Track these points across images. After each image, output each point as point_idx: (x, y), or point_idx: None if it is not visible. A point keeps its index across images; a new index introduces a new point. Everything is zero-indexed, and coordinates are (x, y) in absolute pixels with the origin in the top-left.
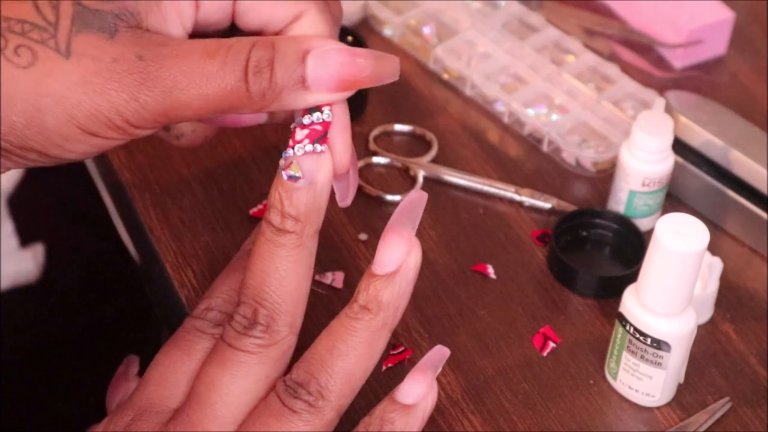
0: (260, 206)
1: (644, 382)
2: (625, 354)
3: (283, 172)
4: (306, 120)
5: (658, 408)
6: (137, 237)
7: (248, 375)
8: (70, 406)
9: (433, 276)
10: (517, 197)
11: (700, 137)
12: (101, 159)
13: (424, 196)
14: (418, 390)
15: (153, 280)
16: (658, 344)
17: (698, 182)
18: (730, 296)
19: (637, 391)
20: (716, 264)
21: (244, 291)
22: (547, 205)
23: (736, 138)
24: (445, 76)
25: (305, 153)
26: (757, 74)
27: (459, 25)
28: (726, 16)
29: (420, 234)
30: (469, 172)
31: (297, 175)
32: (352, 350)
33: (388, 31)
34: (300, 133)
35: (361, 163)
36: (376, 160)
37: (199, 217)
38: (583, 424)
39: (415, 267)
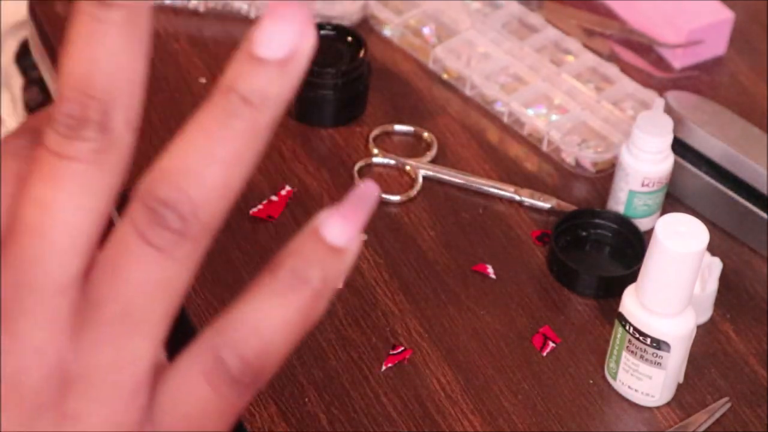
0: (260, 206)
1: (644, 382)
2: (624, 354)
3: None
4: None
5: (657, 408)
6: None
7: (86, 189)
8: None
9: (433, 276)
10: (516, 197)
11: (700, 137)
12: None
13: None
14: (349, 231)
15: None
16: (658, 344)
17: (698, 182)
18: (730, 296)
19: (636, 391)
20: (716, 264)
21: (67, 82)
22: (547, 205)
23: (735, 138)
24: (445, 76)
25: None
26: (756, 74)
27: (459, 25)
28: (726, 16)
29: (420, 234)
30: (468, 172)
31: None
32: (233, 156)
33: (387, 31)
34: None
35: (361, 163)
36: (376, 160)
37: None
38: (583, 424)
39: (309, 55)
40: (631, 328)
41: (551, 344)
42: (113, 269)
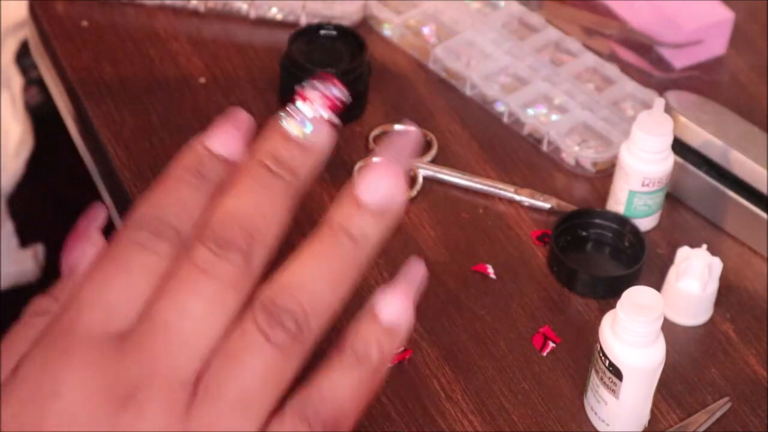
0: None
1: (602, 406)
2: (592, 370)
3: (288, 122)
4: (321, 87)
5: (657, 408)
6: None
7: (220, 305)
8: None
9: (433, 276)
10: (516, 197)
11: (700, 137)
12: (101, 158)
13: (415, 131)
14: (404, 311)
15: None
16: (614, 370)
17: (698, 182)
18: (730, 296)
19: (596, 414)
20: (716, 264)
21: (225, 213)
22: (547, 205)
23: (735, 138)
24: (445, 76)
25: (319, 117)
26: (756, 74)
27: (459, 25)
28: (726, 16)
29: (420, 234)
30: (469, 172)
31: (302, 136)
32: (338, 279)
33: (387, 31)
34: (313, 95)
35: (361, 163)
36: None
37: None
38: (583, 425)
39: (402, 204)
40: (599, 345)
41: (551, 344)
42: (235, 360)
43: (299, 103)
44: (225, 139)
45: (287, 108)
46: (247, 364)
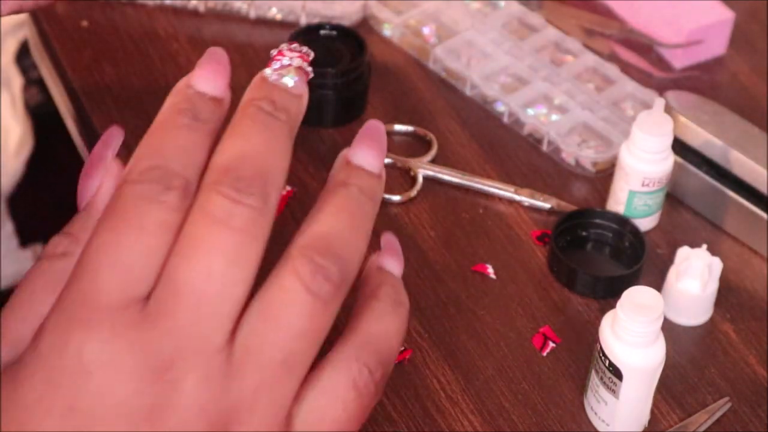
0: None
1: (602, 406)
2: (593, 370)
3: (273, 74)
4: (293, 46)
5: (657, 408)
6: None
7: (243, 261)
8: None
9: (433, 276)
10: (516, 197)
11: (700, 137)
12: None
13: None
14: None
15: None
16: (614, 370)
17: (698, 182)
18: (730, 296)
19: (596, 414)
20: (716, 264)
21: (235, 155)
22: (547, 205)
23: (735, 138)
24: (445, 76)
25: (299, 68)
26: (757, 74)
27: (459, 25)
28: (726, 16)
29: (420, 234)
30: (469, 172)
31: (290, 84)
32: (359, 223)
33: (387, 31)
34: (288, 51)
35: None
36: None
37: None
38: (583, 424)
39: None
40: (599, 345)
41: (551, 344)
42: (277, 318)
43: (279, 57)
44: (209, 77)
45: (269, 63)
46: (290, 320)
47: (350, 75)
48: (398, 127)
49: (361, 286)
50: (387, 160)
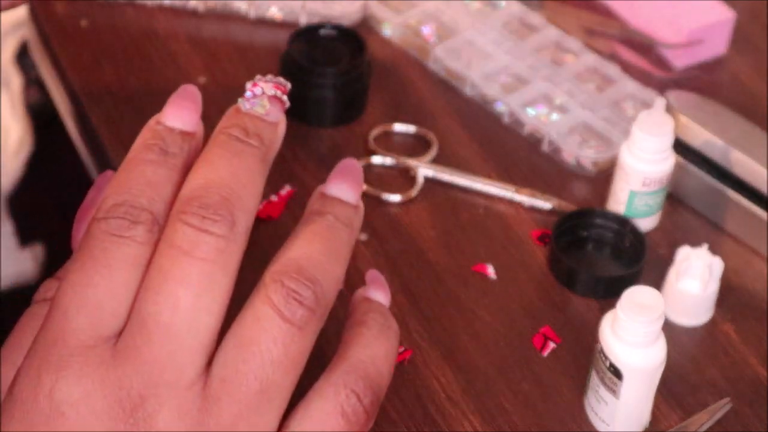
0: (260, 206)
1: (602, 406)
2: (593, 370)
3: (245, 103)
4: (268, 77)
5: (658, 408)
6: None
7: (211, 290)
8: None
9: (433, 276)
10: (517, 197)
11: (700, 137)
12: (101, 158)
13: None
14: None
15: None
16: (615, 370)
17: (698, 182)
18: (731, 296)
19: (596, 414)
20: (717, 264)
21: (200, 184)
22: (547, 205)
23: (736, 138)
24: (445, 76)
25: (274, 97)
26: (757, 74)
27: (459, 25)
28: (726, 16)
29: (420, 234)
30: (469, 172)
31: (262, 112)
32: (335, 249)
33: (387, 31)
34: (263, 83)
35: (361, 163)
36: (376, 160)
37: None
38: (583, 424)
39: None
40: (599, 346)
41: (551, 344)
42: (252, 347)
43: (253, 88)
44: (178, 113)
45: (243, 95)
46: (264, 348)
47: (350, 75)
48: (398, 127)
49: (349, 316)
50: (387, 160)
